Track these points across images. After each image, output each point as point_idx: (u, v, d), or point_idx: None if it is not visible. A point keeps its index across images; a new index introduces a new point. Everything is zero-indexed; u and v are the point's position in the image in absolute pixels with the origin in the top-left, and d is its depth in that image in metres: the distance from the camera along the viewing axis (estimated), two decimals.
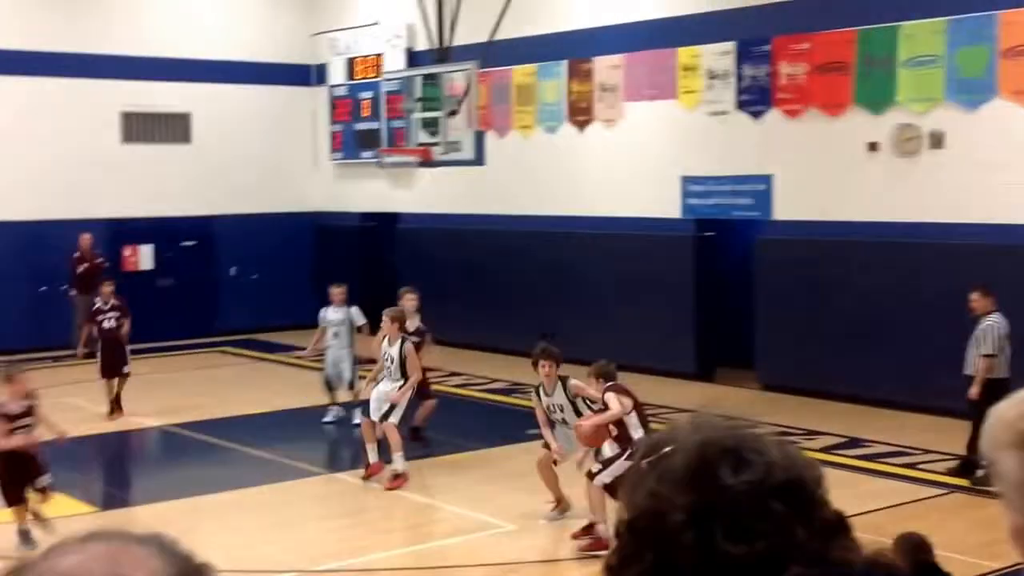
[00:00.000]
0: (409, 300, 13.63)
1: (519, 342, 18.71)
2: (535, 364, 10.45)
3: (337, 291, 14.71)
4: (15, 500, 9.80)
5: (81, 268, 19.67)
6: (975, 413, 11.21)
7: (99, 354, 15.04)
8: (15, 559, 1.20)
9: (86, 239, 19.76)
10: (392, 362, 11.92)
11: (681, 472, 1.37)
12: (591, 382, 9.99)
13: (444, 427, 13.50)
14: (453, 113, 17.78)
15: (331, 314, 14.60)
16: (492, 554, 9.69)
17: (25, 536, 9.75)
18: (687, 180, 17.17)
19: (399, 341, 11.98)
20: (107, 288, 15.48)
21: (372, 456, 11.83)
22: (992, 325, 11.38)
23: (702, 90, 16.87)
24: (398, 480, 11.60)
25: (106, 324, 15.07)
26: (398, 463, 11.65)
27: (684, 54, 17.04)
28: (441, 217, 20.86)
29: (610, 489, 9.27)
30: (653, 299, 17.29)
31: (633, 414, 9.59)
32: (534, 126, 19.46)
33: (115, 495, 12.27)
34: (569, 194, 18.78)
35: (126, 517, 10.91)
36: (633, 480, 1.43)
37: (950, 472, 11.57)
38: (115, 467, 13.82)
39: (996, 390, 10.90)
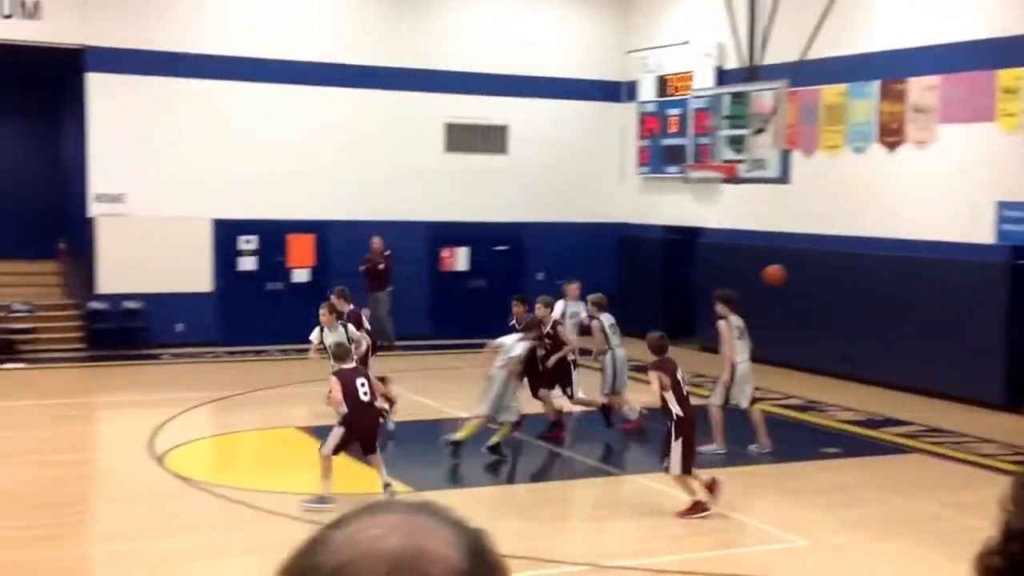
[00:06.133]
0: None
1: (817, 360, 18.76)
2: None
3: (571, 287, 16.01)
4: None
5: (373, 267, 21.10)
6: None
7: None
8: (317, 526, 1.23)
9: (377, 242, 21.21)
10: None
11: None
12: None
13: (739, 439, 13.78)
14: (760, 131, 18.00)
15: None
16: (784, 568, 9.74)
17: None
18: (1003, 205, 16.70)
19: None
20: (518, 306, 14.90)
21: None
22: None
23: (1023, 113, 16.39)
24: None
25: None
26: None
27: (1005, 76, 16.59)
28: (743, 233, 21.07)
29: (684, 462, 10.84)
30: (960, 325, 16.91)
31: (671, 391, 10.76)
32: (842, 146, 19.39)
33: (428, 478, 13.19)
34: (876, 215, 18.60)
35: (433, 499, 11.77)
36: None
37: None
38: (424, 452, 14.82)
39: None
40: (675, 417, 10.81)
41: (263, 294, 21.57)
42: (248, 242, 21.66)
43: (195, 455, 13.28)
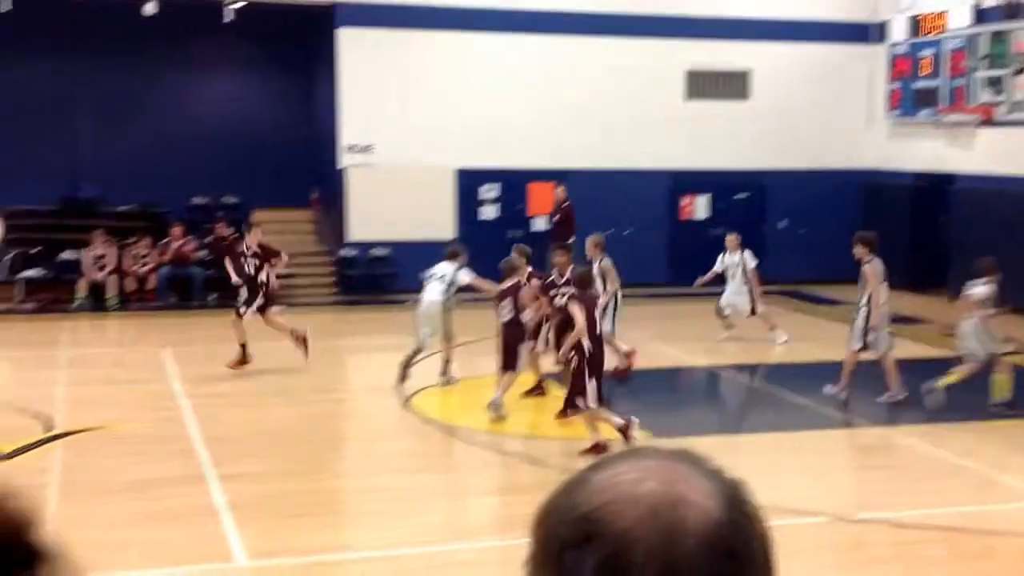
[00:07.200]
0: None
1: None
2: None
3: (731, 238, 17.31)
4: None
5: (550, 218, 21.21)
6: None
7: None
8: (573, 471, 1.24)
9: (557, 192, 21.19)
10: None
11: None
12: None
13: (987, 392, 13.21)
14: (1021, 71, 17.05)
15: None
16: None
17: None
18: None
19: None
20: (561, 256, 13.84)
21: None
22: None
23: None
24: None
25: None
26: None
27: None
28: (1000, 179, 20.01)
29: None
30: None
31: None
32: None
33: (664, 425, 13.24)
34: None
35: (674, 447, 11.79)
36: None
37: None
38: (666, 400, 14.86)
39: None
40: (587, 354, 10.76)
41: (504, 242, 21.96)
42: (490, 191, 22.09)
43: (440, 397, 13.73)
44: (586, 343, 10.83)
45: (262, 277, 14.95)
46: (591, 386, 10.78)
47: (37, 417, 12.16)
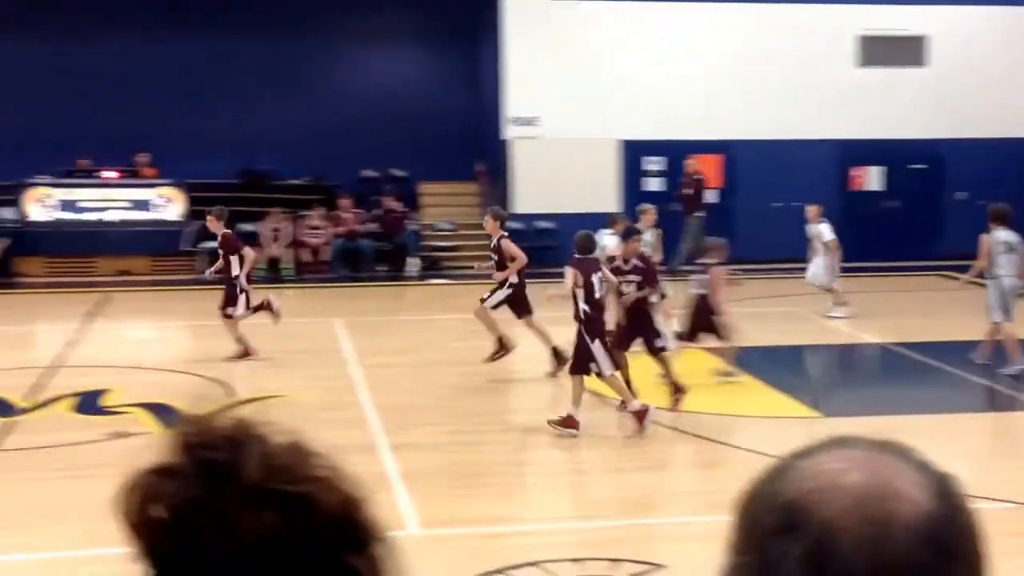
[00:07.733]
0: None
1: None
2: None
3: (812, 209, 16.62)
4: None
5: (680, 190, 20.85)
6: None
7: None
8: (779, 457, 1.20)
9: (687, 164, 20.73)
10: None
11: None
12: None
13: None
14: None
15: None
16: None
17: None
18: None
19: None
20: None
21: None
22: None
23: None
24: None
25: None
26: None
27: None
28: None
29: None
30: None
31: (583, 289, 10.71)
32: None
33: (835, 404, 12.99)
34: None
35: (846, 426, 11.57)
36: None
37: None
38: (836, 377, 14.57)
39: None
40: (583, 316, 10.76)
41: (668, 215, 21.82)
42: (653, 163, 21.93)
43: None
44: (582, 305, 10.84)
45: (234, 271, 14.30)
46: (597, 349, 10.73)
47: (220, 385, 12.66)
